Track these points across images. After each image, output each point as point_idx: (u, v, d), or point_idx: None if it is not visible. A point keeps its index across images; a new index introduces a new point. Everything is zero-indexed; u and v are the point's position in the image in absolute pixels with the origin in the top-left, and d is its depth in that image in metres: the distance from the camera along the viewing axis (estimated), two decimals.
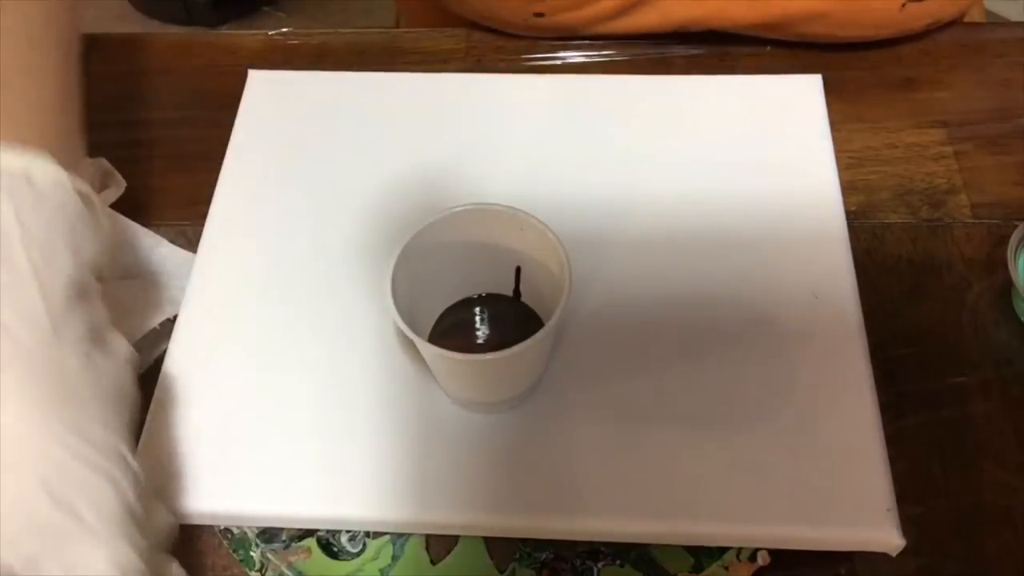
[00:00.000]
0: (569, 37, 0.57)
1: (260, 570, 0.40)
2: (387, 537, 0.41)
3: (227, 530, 0.41)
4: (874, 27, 0.54)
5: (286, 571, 0.40)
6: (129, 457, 0.33)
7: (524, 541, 0.40)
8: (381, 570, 0.40)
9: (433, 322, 0.43)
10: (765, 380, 0.42)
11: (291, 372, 0.43)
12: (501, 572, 0.40)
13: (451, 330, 0.42)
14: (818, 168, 0.48)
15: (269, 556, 0.40)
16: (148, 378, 0.46)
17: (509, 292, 0.43)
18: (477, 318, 0.43)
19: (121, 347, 0.36)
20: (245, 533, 0.41)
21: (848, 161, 0.52)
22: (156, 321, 0.45)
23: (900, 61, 0.56)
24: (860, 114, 0.54)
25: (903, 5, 0.53)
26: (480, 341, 0.42)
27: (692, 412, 0.41)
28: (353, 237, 0.47)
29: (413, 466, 0.40)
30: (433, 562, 0.40)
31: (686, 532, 0.39)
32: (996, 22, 0.59)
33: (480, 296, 0.43)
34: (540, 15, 0.55)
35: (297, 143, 0.51)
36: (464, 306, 0.43)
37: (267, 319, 0.44)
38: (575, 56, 0.58)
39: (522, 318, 0.43)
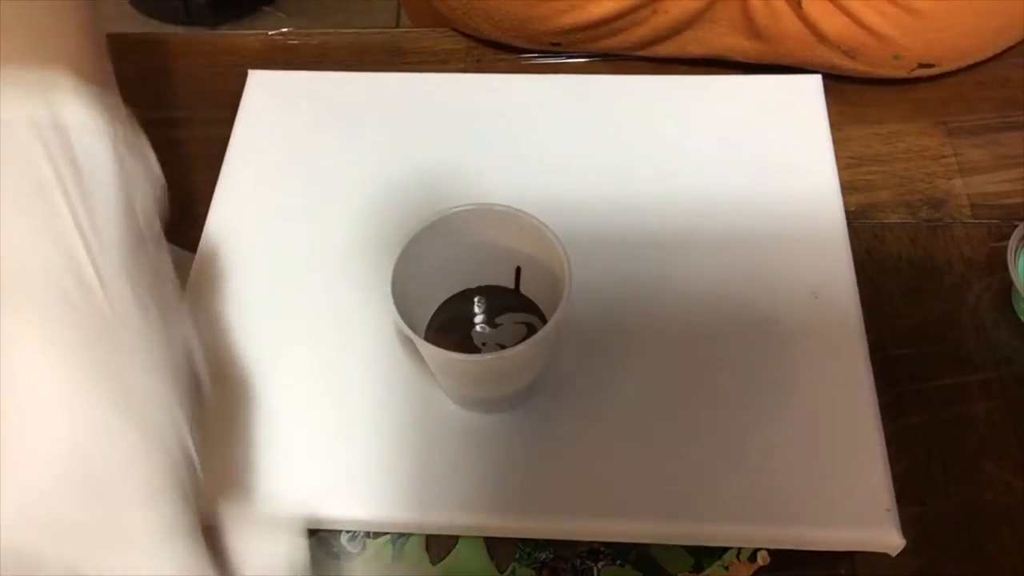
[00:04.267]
0: None
1: None
2: (387, 537, 0.41)
3: None
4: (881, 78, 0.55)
5: None
6: (182, 417, 0.28)
7: (524, 541, 0.40)
8: (381, 570, 0.40)
9: (431, 315, 0.43)
10: (765, 380, 0.42)
11: (291, 372, 0.43)
12: (501, 572, 0.40)
13: (450, 323, 0.42)
14: (818, 168, 0.48)
15: None
16: None
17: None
18: (476, 309, 0.43)
19: (180, 303, 0.31)
20: None
21: (848, 161, 0.52)
22: None
23: None
24: (860, 114, 0.54)
25: (912, 70, 0.54)
26: (479, 333, 0.42)
27: (692, 412, 0.41)
28: (353, 237, 0.47)
29: (413, 466, 0.40)
30: (433, 562, 0.40)
31: (686, 532, 0.39)
32: None
33: (479, 287, 0.43)
34: (557, 44, 0.56)
35: (297, 143, 0.51)
36: (463, 298, 0.43)
37: (267, 318, 0.44)
38: (575, 56, 0.58)
39: (522, 309, 0.42)
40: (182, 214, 0.51)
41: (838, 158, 0.49)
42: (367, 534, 0.41)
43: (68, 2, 0.31)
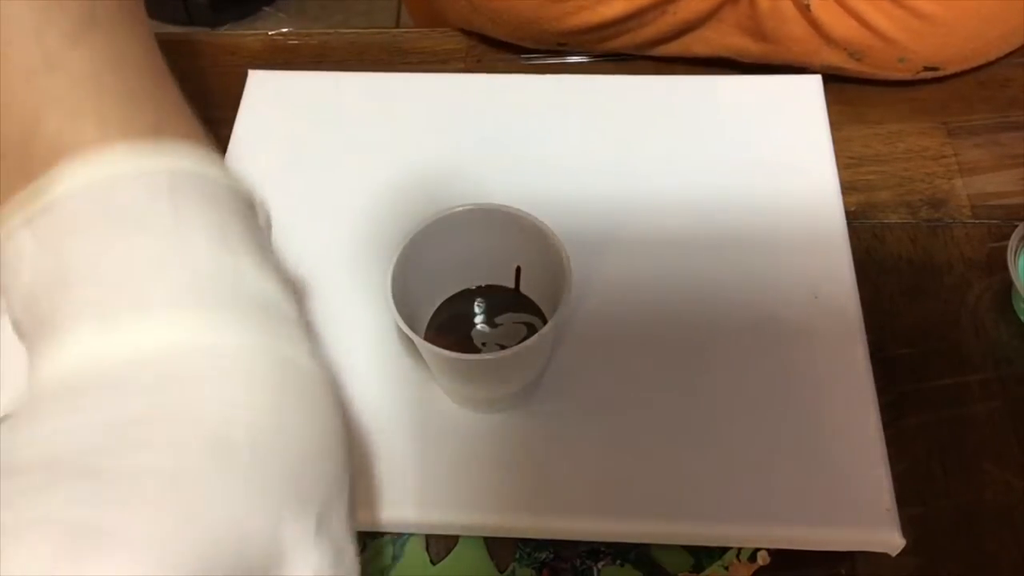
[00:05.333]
0: None
1: None
2: (387, 537, 0.41)
3: None
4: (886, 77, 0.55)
5: None
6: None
7: (524, 541, 0.40)
8: (381, 570, 0.40)
9: (431, 314, 0.43)
10: (765, 380, 0.42)
11: None
12: (501, 572, 0.40)
13: (450, 323, 0.42)
14: (818, 168, 0.48)
15: None
16: None
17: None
18: (476, 309, 0.43)
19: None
20: None
21: (848, 161, 0.52)
22: None
23: None
24: (860, 114, 0.54)
25: (918, 72, 0.53)
26: (479, 333, 0.42)
27: (692, 412, 0.41)
28: (353, 237, 0.47)
29: (413, 466, 0.40)
30: (433, 562, 0.40)
31: (686, 532, 0.39)
32: None
33: (479, 287, 0.43)
34: (563, 45, 0.57)
35: (297, 143, 0.51)
36: (463, 297, 0.43)
37: None
38: (575, 56, 0.58)
39: (522, 309, 0.42)
40: None
41: (838, 158, 0.49)
42: (367, 534, 0.41)
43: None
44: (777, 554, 0.39)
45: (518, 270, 0.42)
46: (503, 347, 0.38)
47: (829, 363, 0.42)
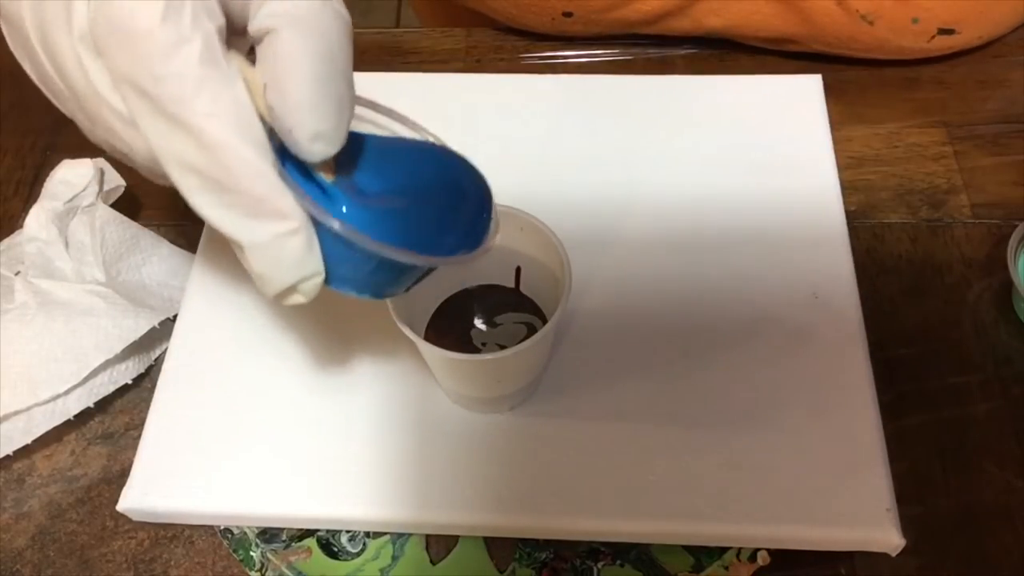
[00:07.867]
0: (594, 38, 0.57)
1: (260, 570, 0.40)
2: (387, 537, 0.41)
3: (227, 530, 0.41)
4: (900, 53, 0.54)
5: (286, 571, 0.40)
6: None
7: (524, 541, 0.40)
8: (381, 570, 0.40)
9: (431, 314, 0.43)
10: (765, 380, 0.42)
11: (291, 372, 0.43)
12: (501, 572, 0.40)
13: (450, 323, 0.42)
14: (818, 168, 0.48)
15: (269, 556, 0.40)
16: (148, 378, 0.46)
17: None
18: (476, 309, 0.43)
19: None
20: (245, 533, 0.41)
21: (848, 161, 0.52)
22: (156, 321, 0.45)
23: (900, 61, 0.56)
24: (860, 114, 0.54)
25: (932, 38, 0.53)
26: (479, 333, 0.42)
27: (692, 412, 0.41)
28: None
29: (413, 466, 0.40)
30: (433, 562, 0.40)
31: (686, 532, 0.39)
32: None
33: (479, 287, 0.43)
34: (569, 14, 0.55)
35: None
36: (463, 297, 0.43)
37: (267, 319, 0.44)
38: (575, 56, 0.58)
39: (522, 309, 0.42)
40: (183, 214, 0.51)
41: (838, 158, 0.49)
42: (367, 534, 0.41)
43: None
44: (777, 554, 0.39)
45: (518, 270, 0.42)
46: (503, 347, 0.38)
47: (829, 363, 0.42)
